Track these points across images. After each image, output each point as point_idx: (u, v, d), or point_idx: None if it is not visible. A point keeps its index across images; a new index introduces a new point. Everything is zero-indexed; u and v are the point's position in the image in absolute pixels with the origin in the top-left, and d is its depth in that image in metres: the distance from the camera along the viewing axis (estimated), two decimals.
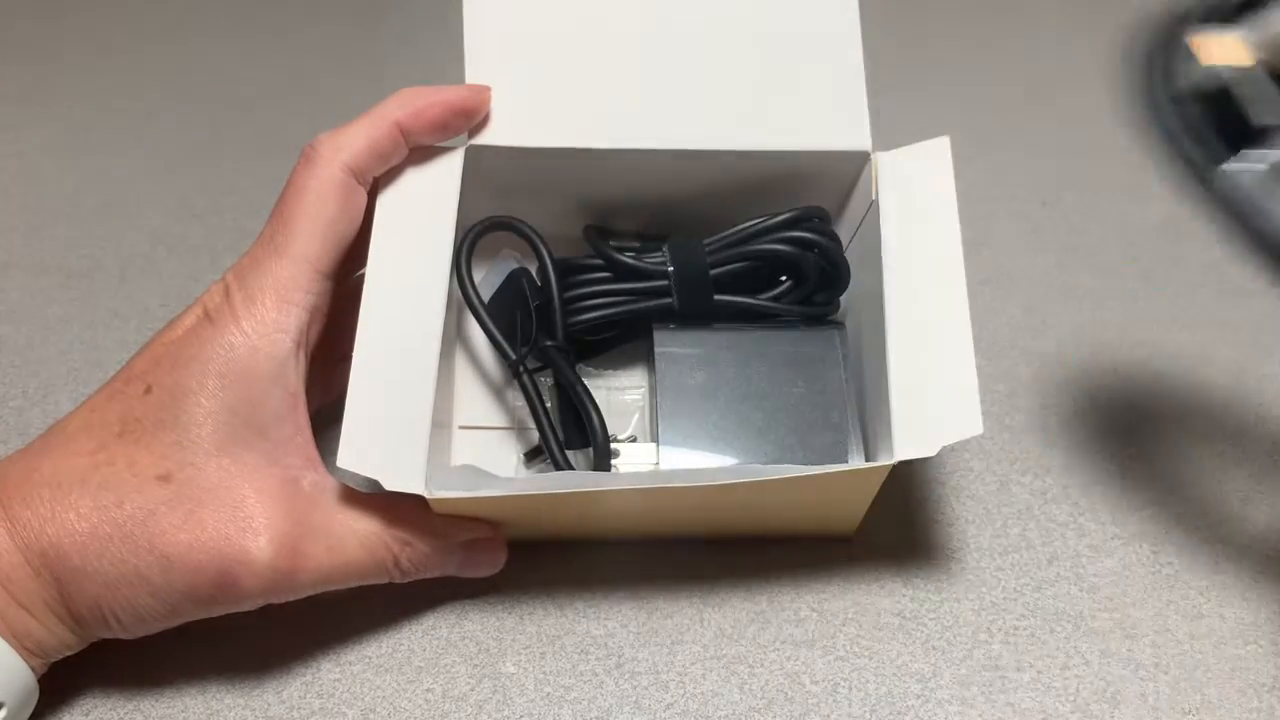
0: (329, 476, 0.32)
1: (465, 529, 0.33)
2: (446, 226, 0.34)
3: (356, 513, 0.32)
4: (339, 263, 0.33)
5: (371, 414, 0.31)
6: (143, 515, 0.29)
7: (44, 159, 0.48)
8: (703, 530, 0.37)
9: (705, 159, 0.37)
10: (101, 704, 0.33)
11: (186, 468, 0.30)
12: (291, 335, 0.31)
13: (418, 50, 0.54)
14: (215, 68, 0.53)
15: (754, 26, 0.37)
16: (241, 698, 0.33)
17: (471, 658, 0.34)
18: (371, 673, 0.34)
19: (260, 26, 0.55)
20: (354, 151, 0.32)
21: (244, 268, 0.32)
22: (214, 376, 0.30)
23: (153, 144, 0.49)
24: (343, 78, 0.53)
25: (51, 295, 0.43)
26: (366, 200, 0.33)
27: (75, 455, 0.30)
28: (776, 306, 0.38)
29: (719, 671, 0.34)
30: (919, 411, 0.32)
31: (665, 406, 0.36)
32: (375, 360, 0.32)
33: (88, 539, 0.29)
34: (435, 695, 0.33)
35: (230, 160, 0.49)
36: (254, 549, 0.29)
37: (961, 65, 0.55)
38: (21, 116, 0.50)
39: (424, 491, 0.30)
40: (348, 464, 0.30)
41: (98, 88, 0.51)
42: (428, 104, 0.33)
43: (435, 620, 0.35)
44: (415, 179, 0.34)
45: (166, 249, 0.45)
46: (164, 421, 0.30)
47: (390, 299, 0.32)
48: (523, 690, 0.34)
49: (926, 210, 0.35)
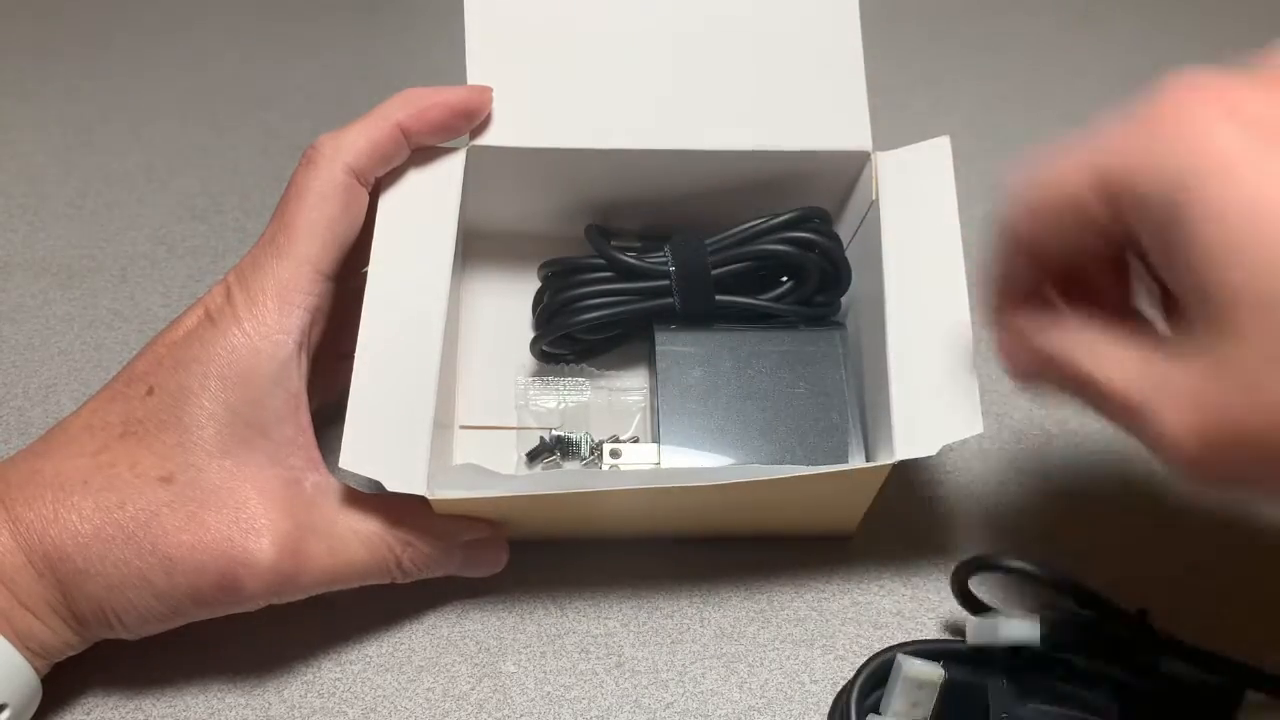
0: (331, 477, 0.32)
1: (466, 529, 0.33)
2: (448, 227, 0.34)
3: (358, 513, 0.32)
4: (340, 263, 0.33)
5: (373, 415, 0.31)
6: (145, 516, 0.29)
7: (44, 159, 0.48)
8: (703, 530, 0.37)
9: (706, 159, 0.37)
10: (103, 704, 0.33)
11: (189, 469, 0.30)
12: (293, 336, 0.31)
13: (419, 51, 0.54)
14: (216, 68, 0.53)
15: (754, 26, 0.37)
16: (243, 697, 0.33)
17: (471, 657, 0.34)
18: (372, 672, 0.34)
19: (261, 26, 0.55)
20: (355, 152, 0.32)
21: (245, 269, 0.32)
22: (216, 378, 0.30)
23: (153, 144, 0.49)
24: (344, 78, 0.53)
25: (52, 295, 0.43)
26: (368, 201, 0.33)
27: (77, 456, 0.30)
28: (777, 307, 0.38)
29: (719, 671, 0.34)
30: (919, 411, 0.32)
31: (666, 406, 0.36)
32: (377, 361, 0.32)
33: (90, 540, 0.29)
34: (435, 695, 0.33)
35: (231, 160, 0.49)
36: (256, 550, 0.29)
37: (962, 65, 0.55)
38: (21, 116, 0.50)
39: (425, 492, 0.30)
40: (350, 465, 0.30)
41: (98, 88, 0.51)
42: (429, 105, 0.33)
43: (435, 620, 0.35)
44: (417, 180, 0.34)
45: (167, 249, 0.45)
46: (166, 423, 0.30)
47: (392, 300, 0.32)
48: (523, 690, 0.34)
49: (926, 210, 0.35)
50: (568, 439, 0.38)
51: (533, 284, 0.40)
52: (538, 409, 0.39)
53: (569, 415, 0.39)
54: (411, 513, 0.32)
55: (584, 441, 0.38)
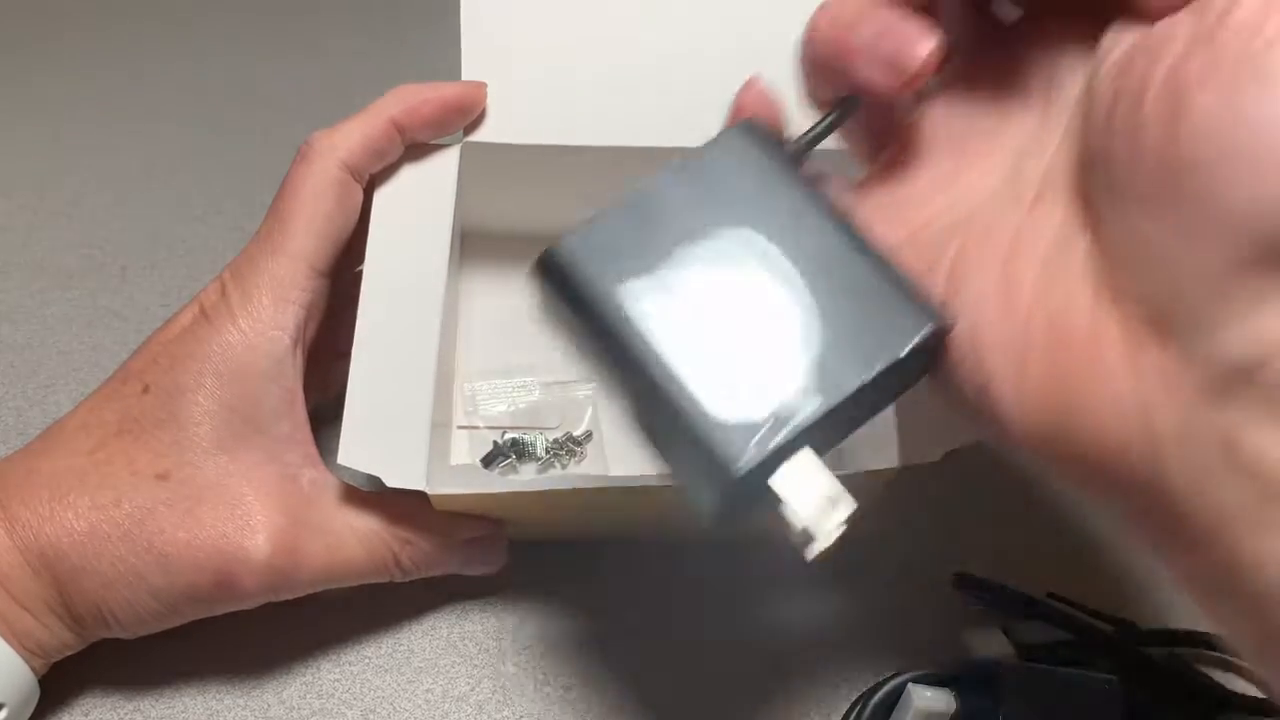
0: (328, 474, 0.32)
1: (466, 527, 0.33)
2: (444, 223, 0.34)
3: (356, 510, 0.32)
4: (335, 260, 0.33)
5: (371, 411, 0.31)
6: (141, 514, 0.29)
7: (44, 159, 0.48)
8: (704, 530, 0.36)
9: None
10: (101, 704, 0.33)
11: (185, 466, 0.30)
12: (289, 333, 0.31)
13: (414, 48, 0.54)
14: (216, 68, 0.53)
15: (753, 25, 0.37)
16: (241, 698, 0.33)
17: (471, 658, 0.34)
18: (371, 673, 0.34)
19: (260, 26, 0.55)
20: (349, 149, 0.32)
21: (240, 266, 0.32)
22: (211, 375, 0.30)
23: (152, 144, 0.49)
24: (343, 78, 0.52)
25: (51, 295, 0.43)
26: (363, 197, 0.33)
27: (74, 455, 0.30)
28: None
29: (720, 670, 0.34)
30: (922, 415, 0.32)
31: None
32: (374, 357, 0.32)
33: (86, 538, 0.29)
34: (435, 695, 0.33)
35: (230, 160, 0.49)
36: (252, 547, 0.29)
37: None
38: (21, 116, 0.50)
39: (425, 487, 0.30)
40: (348, 461, 0.30)
41: (98, 88, 0.51)
42: (423, 101, 0.33)
43: (435, 620, 0.35)
44: (412, 176, 0.34)
45: (166, 249, 0.45)
46: (162, 420, 0.30)
47: (388, 296, 0.32)
48: (523, 690, 0.33)
49: None
50: (521, 441, 0.37)
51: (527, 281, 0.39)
52: (487, 414, 0.38)
53: (519, 417, 0.38)
54: (410, 510, 0.32)
55: (538, 442, 0.37)
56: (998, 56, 0.25)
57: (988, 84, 0.25)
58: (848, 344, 0.22)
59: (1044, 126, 0.24)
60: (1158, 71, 0.20)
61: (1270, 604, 0.19)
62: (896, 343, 0.22)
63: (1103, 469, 0.21)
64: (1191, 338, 0.20)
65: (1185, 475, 0.20)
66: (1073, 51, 0.23)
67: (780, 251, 0.22)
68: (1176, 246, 0.20)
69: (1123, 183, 0.21)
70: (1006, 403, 0.22)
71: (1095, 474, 0.21)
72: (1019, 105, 0.24)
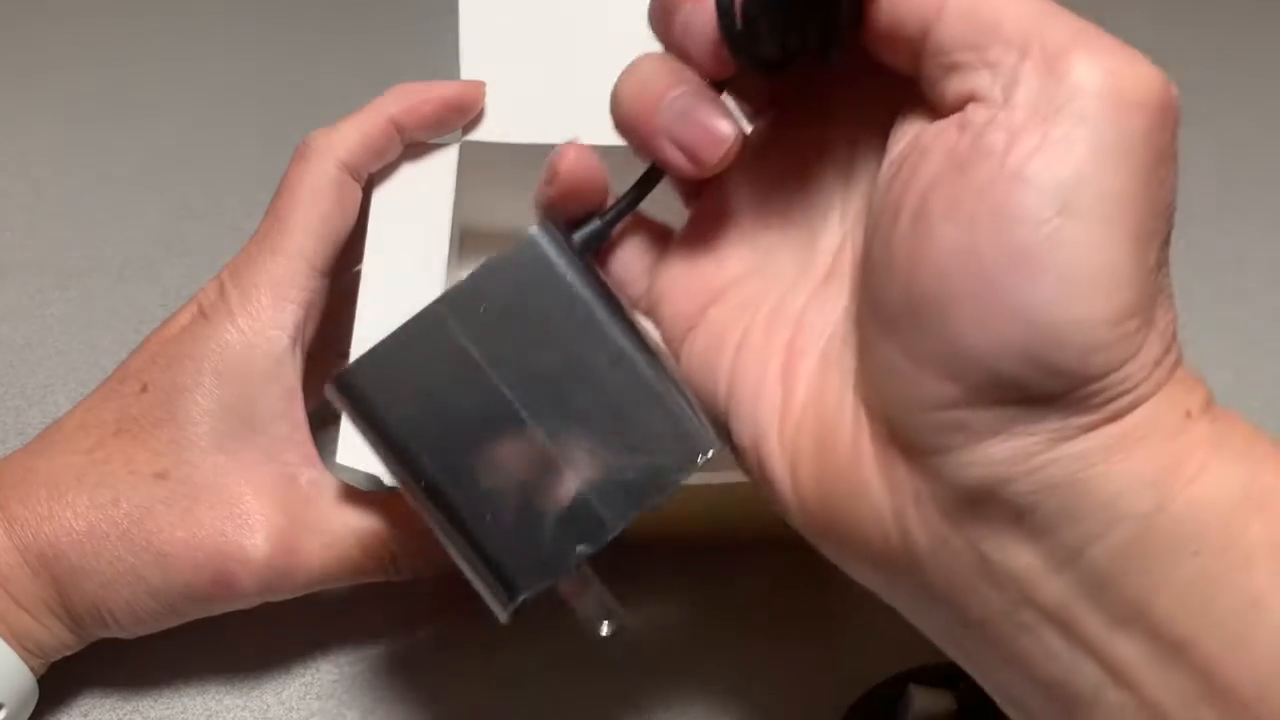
0: (326, 474, 0.32)
1: None
2: (442, 223, 0.34)
3: (354, 510, 0.31)
4: (334, 259, 0.33)
5: None
6: (139, 513, 0.29)
7: (44, 159, 0.48)
8: (705, 530, 0.36)
9: None
10: (100, 704, 0.33)
11: (183, 465, 0.30)
12: (287, 332, 0.31)
13: (413, 47, 0.54)
14: (216, 67, 0.53)
15: None
16: (240, 698, 0.33)
17: (471, 658, 0.34)
18: (371, 673, 0.34)
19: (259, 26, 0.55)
20: (348, 147, 0.32)
21: (239, 265, 0.32)
22: (210, 374, 0.30)
23: (151, 144, 0.49)
24: (343, 77, 0.52)
25: (50, 295, 0.43)
26: (361, 196, 0.33)
27: (72, 454, 0.30)
28: None
29: (720, 670, 0.34)
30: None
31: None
32: None
33: (85, 537, 0.29)
34: (435, 696, 0.33)
35: (230, 160, 0.49)
36: (250, 546, 0.29)
37: None
38: (21, 116, 0.50)
39: None
40: (348, 460, 0.30)
41: (96, 87, 0.51)
42: (422, 99, 0.33)
43: (434, 620, 0.35)
44: (410, 175, 0.34)
45: (166, 249, 0.45)
46: (160, 419, 0.30)
47: (387, 295, 0.32)
48: (523, 690, 0.33)
49: None
50: None
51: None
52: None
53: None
54: (408, 509, 0.32)
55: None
56: (811, 119, 0.25)
57: (795, 148, 0.25)
58: (619, 478, 0.24)
59: (844, 199, 0.24)
60: (912, 193, 0.20)
61: (1038, 696, 0.20)
62: (665, 481, 0.24)
63: (875, 570, 0.23)
64: (930, 461, 0.20)
65: (945, 583, 0.21)
66: (880, 125, 0.23)
67: (564, 372, 0.24)
68: (913, 374, 0.20)
69: (876, 297, 0.21)
70: (785, 500, 0.23)
71: (870, 572, 0.23)
72: (827, 171, 0.24)
